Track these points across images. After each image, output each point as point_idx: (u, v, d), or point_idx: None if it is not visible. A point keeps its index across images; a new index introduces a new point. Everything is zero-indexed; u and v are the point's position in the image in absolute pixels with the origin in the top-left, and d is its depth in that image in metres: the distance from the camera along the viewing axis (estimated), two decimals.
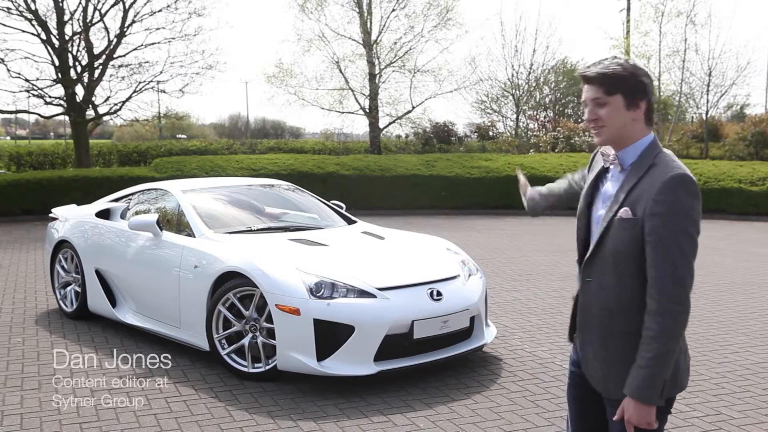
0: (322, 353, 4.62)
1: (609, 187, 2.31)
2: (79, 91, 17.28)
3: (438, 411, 4.41)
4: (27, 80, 16.86)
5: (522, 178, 3.11)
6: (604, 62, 2.24)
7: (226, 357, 4.97)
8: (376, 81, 22.19)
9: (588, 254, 2.27)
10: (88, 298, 6.33)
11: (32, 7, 16.52)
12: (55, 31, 16.83)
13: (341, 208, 6.84)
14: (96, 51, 17.30)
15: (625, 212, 2.18)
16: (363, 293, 4.78)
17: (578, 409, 2.51)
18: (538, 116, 30.51)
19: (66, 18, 16.85)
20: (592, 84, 2.23)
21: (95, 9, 17.01)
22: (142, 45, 17.85)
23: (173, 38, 17.99)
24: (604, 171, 2.38)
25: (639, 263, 2.18)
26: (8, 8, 16.37)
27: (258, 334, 4.88)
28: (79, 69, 17.17)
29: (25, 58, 16.98)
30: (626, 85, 2.21)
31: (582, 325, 2.30)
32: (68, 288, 6.67)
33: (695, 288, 2.18)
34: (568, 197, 2.84)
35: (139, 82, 17.94)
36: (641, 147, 2.24)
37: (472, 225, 13.96)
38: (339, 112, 23.38)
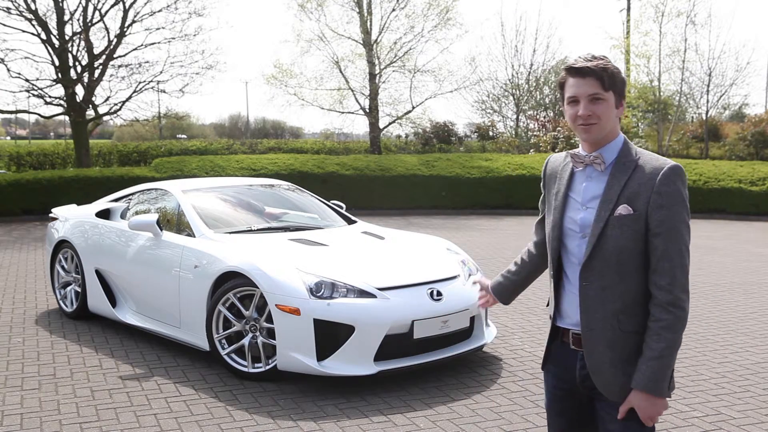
0: (322, 353, 4.62)
1: (587, 188, 2.26)
2: (79, 91, 17.26)
3: (438, 411, 4.41)
4: (27, 80, 16.85)
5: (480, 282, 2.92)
6: (595, 58, 2.20)
7: (226, 357, 4.97)
8: (376, 81, 22.17)
9: (586, 257, 2.20)
10: (88, 298, 6.33)
11: (32, 7, 16.51)
12: (55, 31, 16.82)
13: (341, 208, 6.85)
14: (96, 51, 17.29)
15: (624, 209, 2.16)
16: (363, 293, 4.78)
17: (562, 423, 2.41)
18: (538, 116, 30.52)
19: (66, 18, 16.84)
20: (587, 78, 2.18)
21: (95, 9, 17.00)
22: (142, 45, 17.84)
23: (173, 38, 17.99)
24: (571, 174, 2.31)
25: (641, 259, 2.17)
26: (8, 8, 16.37)
27: (258, 334, 4.88)
28: (79, 69, 17.16)
29: (25, 58, 16.98)
30: (619, 82, 2.21)
31: (586, 333, 2.22)
32: (68, 288, 6.67)
33: (695, 288, 2.18)
34: (541, 253, 2.66)
35: (139, 82, 17.93)
36: (618, 145, 2.24)
37: (472, 225, 13.95)
38: (339, 112, 23.37)
